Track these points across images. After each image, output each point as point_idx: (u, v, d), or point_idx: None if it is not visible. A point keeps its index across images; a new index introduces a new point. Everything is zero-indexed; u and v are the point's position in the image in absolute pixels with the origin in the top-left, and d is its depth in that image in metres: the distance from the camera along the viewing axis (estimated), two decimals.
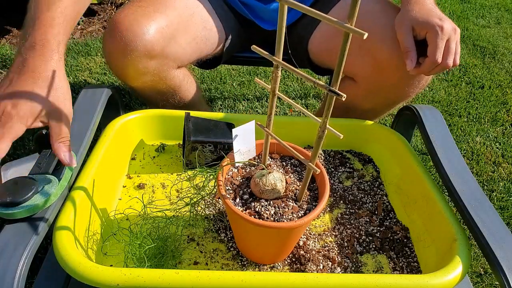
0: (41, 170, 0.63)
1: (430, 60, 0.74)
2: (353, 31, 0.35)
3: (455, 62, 0.75)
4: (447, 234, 0.64)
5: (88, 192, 0.65)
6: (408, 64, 0.76)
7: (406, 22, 0.78)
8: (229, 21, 1.01)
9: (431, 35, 0.74)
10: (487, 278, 1.02)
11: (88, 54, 1.80)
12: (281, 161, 0.67)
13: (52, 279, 0.60)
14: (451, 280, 0.55)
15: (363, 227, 0.74)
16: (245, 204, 0.59)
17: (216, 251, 0.67)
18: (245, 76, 1.77)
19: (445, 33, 0.73)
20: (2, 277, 0.49)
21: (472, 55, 2.08)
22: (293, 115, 1.57)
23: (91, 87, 0.85)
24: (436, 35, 0.73)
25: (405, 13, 0.79)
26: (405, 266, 0.68)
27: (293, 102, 0.49)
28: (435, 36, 0.73)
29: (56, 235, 0.56)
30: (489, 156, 1.43)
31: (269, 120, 0.55)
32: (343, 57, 0.39)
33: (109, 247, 0.66)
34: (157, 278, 0.51)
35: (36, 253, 0.54)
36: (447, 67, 0.75)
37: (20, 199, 0.56)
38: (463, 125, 1.57)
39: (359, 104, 0.95)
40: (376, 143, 0.90)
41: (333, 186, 0.82)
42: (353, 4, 0.35)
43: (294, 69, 0.45)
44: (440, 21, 0.74)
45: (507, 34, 2.33)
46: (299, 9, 0.39)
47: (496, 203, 1.23)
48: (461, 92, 1.77)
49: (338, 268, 0.66)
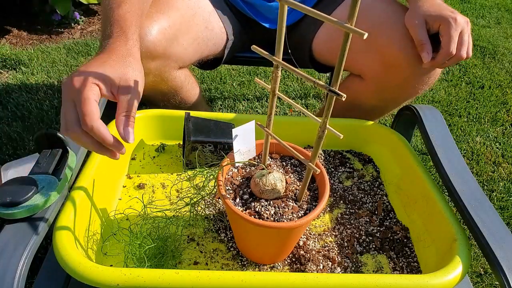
0: (41, 170, 0.63)
1: (444, 51, 0.75)
2: (353, 31, 0.35)
3: (468, 54, 0.76)
4: (447, 234, 0.64)
5: (88, 192, 0.65)
6: (424, 56, 0.77)
7: (418, 16, 0.79)
8: (231, 21, 1.01)
9: (444, 27, 0.75)
10: (487, 278, 1.02)
11: (88, 54, 1.80)
12: (281, 161, 0.67)
13: (52, 279, 0.60)
14: (451, 280, 0.55)
15: (363, 227, 0.74)
16: (245, 204, 0.59)
17: (216, 251, 0.67)
18: (245, 76, 1.77)
19: (458, 25, 0.75)
20: (2, 277, 0.49)
21: (472, 55, 2.08)
22: (293, 115, 1.57)
23: None
24: (450, 27, 0.74)
25: (416, 9, 0.80)
26: (405, 266, 0.68)
27: (293, 102, 0.49)
28: (448, 28, 0.75)
29: (56, 235, 0.56)
30: (489, 156, 1.43)
31: (269, 120, 0.55)
32: (343, 57, 0.39)
33: (109, 247, 0.66)
34: (157, 278, 0.51)
35: (36, 253, 0.54)
36: (461, 58, 0.76)
37: (20, 199, 0.57)
38: (463, 125, 1.57)
39: (367, 101, 0.95)
40: (376, 143, 0.90)
41: (333, 186, 0.82)
42: (353, 4, 0.35)
43: (294, 69, 0.45)
44: (452, 13, 0.76)
45: (507, 34, 2.33)
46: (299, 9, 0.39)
47: (496, 203, 1.23)
48: (461, 92, 1.77)
49: (338, 268, 0.66)
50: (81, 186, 0.64)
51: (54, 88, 1.55)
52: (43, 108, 1.42)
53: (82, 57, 1.78)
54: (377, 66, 0.87)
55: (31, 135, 1.28)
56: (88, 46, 1.86)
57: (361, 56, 0.87)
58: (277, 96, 0.52)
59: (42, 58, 1.75)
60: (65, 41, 1.90)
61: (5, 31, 1.91)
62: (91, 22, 2.06)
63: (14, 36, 1.90)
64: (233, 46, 1.03)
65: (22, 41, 1.88)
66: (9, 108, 1.41)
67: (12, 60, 1.71)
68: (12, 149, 1.22)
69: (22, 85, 1.57)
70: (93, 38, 1.94)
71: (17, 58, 1.72)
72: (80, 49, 1.83)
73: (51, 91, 1.52)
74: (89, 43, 1.88)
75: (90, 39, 1.93)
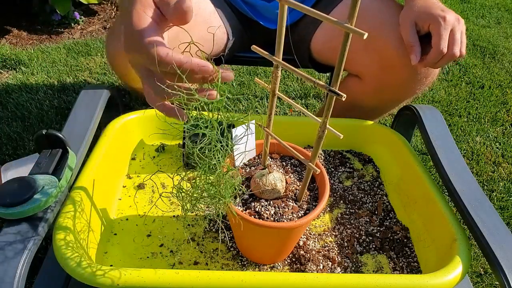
0: (41, 170, 0.63)
1: (434, 50, 0.74)
2: (353, 31, 0.35)
3: (461, 52, 0.75)
4: (447, 234, 0.64)
5: (88, 192, 0.65)
6: (412, 59, 0.76)
7: (408, 17, 0.78)
8: (232, 21, 1.01)
9: (434, 26, 0.74)
10: (487, 278, 1.02)
11: (88, 54, 1.80)
12: (281, 161, 0.67)
13: (52, 279, 0.60)
14: (451, 280, 0.55)
15: (363, 227, 0.74)
16: (245, 204, 0.59)
17: (216, 251, 0.67)
18: (245, 76, 1.77)
19: (448, 23, 0.73)
20: (2, 277, 0.49)
21: (472, 55, 2.07)
22: (293, 115, 1.57)
23: (91, 87, 0.85)
24: (439, 26, 0.73)
25: (408, 9, 0.79)
26: (405, 266, 0.68)
27: (293, 102, 0.49)
28: (437, 27, 0.73)
29: (56, 235, 0.56)
30: (489, 156, 1.43)
31: (269, 120, 0.55)
32: (343, 57, 0.39)
33: (109, 247, 0.66)
34: (157, 278, 0.51)
35: (36, 253, 0.54)
36: (454, 57, 0.74)
37: (20, 199, 0.56)
38: (463, 125, 1.57)
39: (365, 101, 0.95)
40: (376, 143, 0.90)
41: (333, 186, 0.82)
42: (353, 4, 0.35)
43: (294, 69, 0.45)
44: (442, 12, 0.74)
45: (507, 34, 2.33)
46: (299, 9, 0.39)
47: (496, 203, 1.23)
48: (461, 92, 1.77)
49: (338, 268, 0.66)
50: (81, 186, 0.64)
51: (54, 88, 1.55)
52: (43, 108, 1.42)
53: (82, 57, 1.78)
54: (375, 67, 0.87)
55: (31, 135, 1.27)
56: (88, 46, 1.86)
57: (360, 56, 0.87)
58: (277, 96, 0.52)
59: (42, 58, 1.75)
60: (65, 41, 1.90)
61: (5, 31, 1.91)
62: (91, 22, 2.06)
63: (14, 36, 1.90)
64: (234, 46, 1.03)
65: (22, 41, 1.88)
66: (9, 108, 1.41)
67: (12, 60, 1.71)
68: (12, 149, 1.22)
69: (22, 85, 1.57)
70: (93, 38, 1.94)
71: (17, 58, 1.72)
72: (80, 49, 1.83)
73: (51, 91, 1.52)
74: (89, 43, 1.88)
75: (90, 39, 1.93)
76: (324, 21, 0.37)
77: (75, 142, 0.70)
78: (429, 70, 0.86)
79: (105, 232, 0.68)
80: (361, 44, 0.85)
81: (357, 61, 0.89)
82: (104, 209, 0.70)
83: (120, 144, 0.80)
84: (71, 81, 1.63)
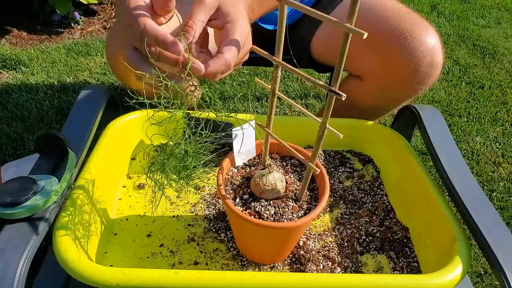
0: (41, 170, 0.63)
1: None
2: (353, 31, 0.35)
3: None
4: (447, 234, 0.64)
5: (88, 192, 0.65)
6: None
7: None
8: None
9: None
10: (487, 278, 1.02)
11: (88, 54, 1.80)
12: (281, 161, 0.67)
13: (52, 279, 0.60)
14: (451, 280, 0.55)
15: (363, 227, 0.74)
16: (245, 204, 0.59)
17: (216, 251, 0.67)
18: (245, 76, 1.77)
19: None
20: (2, 277, 0.49)
21: (472, 55, 2.07)
22: (293, 115, 1.57)
23: (91, 87, 0.85)
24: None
25: None
26: (405, 266, 0.68)
27: (293, 102, 0.49)
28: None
29: (56, 235, 0.56)
30: (489, 156, 1.43)
31: (269, 120, 0.55)
32: (343, 57, 0.39)
33: (109, 247, 0.66)
34: (157, 278, 0.51)
35: (36, 253, 0.54)
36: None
37: (20, 199, 0.56)
38: (463, 125, 1.57)
39: (366, 101, 0.95)
40: (376, 143, 0.90)
41: (333, 186, 0.82)
42: (353, 4, 0.35)
43: (294, 69, 0.45)
44: None
45: (507, 34, 2.33)
46: (299, 9, 0.39)
47: (496, 203, 1.23)
48: (461, 92, 1.77)
49: (338, 268, 0.66)
50: (81, 186, 0.64)
51: (54, 88, 1.55)
52: (43, 108, 1.42)
53: (82, 57, 1.78)
54: (376, 67, 0.87)
55: (31, 135, 1.27)
56: (88, 46, 1.86)
57: (360, 56, 0.87)
58: (277, 96, 0.52)
59: (42, 58, 1.75)
60: (65, 41, 1.90)
61: (5, 31, 1.91)
62: (91, 22, 2.06)
63: (14, 36, 1.90)
64: None
65: (22, 41, 1.88)
66: (9, 108, 1.41)
67: (12, 60, 1.71)
68: (12, 149, 1.22)
69: (22, 85, 1.57)
70: (93, 38, 1.94)
71: (17, 58, 1.72)
72: (80, 49, 1.83)
73: (51, 91, 1.52)
74: (89, 43, 1.88)
75: (90, 39, 1.93)
76: (324, 21, 0.37)
77: (75, 142, 0.70)
78: (431, 70, 0.86)
79: (105, 232, 0.68)
80: (362, 44, 0.85)
81: (358, 61, 0.89)
82: (104, 209, 0.70)
83: (120, 144, 0.80)
84: (71, 81, 1.63)
